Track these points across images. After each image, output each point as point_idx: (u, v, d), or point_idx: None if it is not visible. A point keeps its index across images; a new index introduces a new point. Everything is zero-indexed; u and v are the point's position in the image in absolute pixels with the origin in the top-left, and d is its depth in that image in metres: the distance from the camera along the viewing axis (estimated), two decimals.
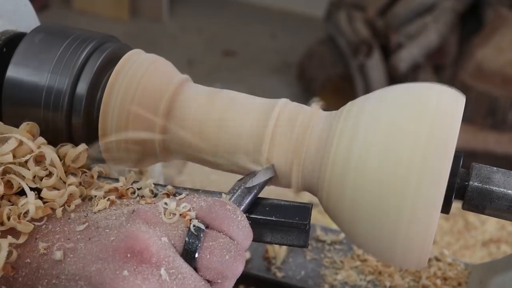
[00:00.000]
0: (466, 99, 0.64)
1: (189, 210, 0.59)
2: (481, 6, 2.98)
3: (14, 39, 0.70)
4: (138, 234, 0.56)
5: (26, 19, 0.75)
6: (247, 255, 0.85)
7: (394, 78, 2.80)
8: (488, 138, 2.68)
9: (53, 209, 0.61)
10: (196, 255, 0.57)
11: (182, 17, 3.96)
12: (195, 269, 0.57)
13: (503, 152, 2.64)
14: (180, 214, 0.59)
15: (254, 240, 0.65)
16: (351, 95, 0.76)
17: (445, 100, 0.62)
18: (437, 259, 0.88)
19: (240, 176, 0.67)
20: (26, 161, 0.62)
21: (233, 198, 0.63)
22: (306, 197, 0.87)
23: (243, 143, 0.67)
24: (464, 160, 0.64)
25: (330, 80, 3.05)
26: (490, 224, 1.18)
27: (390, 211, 0.60)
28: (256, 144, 0.66)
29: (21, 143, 0.63)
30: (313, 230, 0.90)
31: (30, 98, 0.67)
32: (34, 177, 0.62)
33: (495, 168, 0.65)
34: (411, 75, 2.82)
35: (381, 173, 0.60)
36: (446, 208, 0.62)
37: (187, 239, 0.57)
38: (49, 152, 0.63)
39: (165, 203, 0.60)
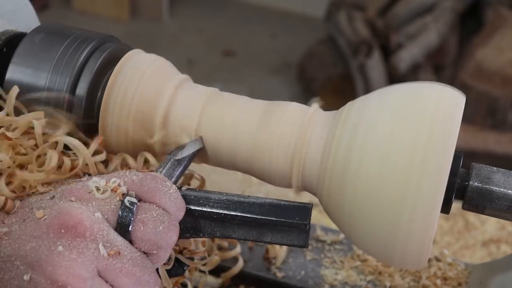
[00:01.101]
0: (466, 99, 0.64)
1: (119, 185, 0.60)
2: (481, 6, 2.98)
3: (14, 39, 0.70)
4: (71, 210, 0.57)
5: (26, 19, 0.75)
6: (240, 262, 0.85)
7: (394, 78, 2.80)
8: (488, 138, 2.68)
9: None
10: (130, 228, 0.58)
11: (182, 17, 3.96)
12: (130, 241, 0.58)
13: (503, 152, 2.64)
14: (112, 189, 0.60)
15: (254, 240, 0.65)
16: (351, 95, 0.76)
17: (445, 100, 0.62)
18: (437, 259, 0.88)
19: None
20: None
21: (163, 171, 0.64)
22: (306, 197, 0.87)
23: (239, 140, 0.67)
24: (464, 160, 0.64)
25: (330, 80, 3.05)
26: (490, 224, 1.18)
27: (390, 211, 0.60)
28: (256, 144, 0.66)
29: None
30: (313, 230, 0.90)
31: (30, 98, 0.67)
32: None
33: (495, 168, 0.65)
34: (411, 75, 2.82)
35: (381, 173, 0.60)
36: (446, 208, 0.62)
37: (120, 212, 0.58)
38: (37, 129, 0.64)
39: (95, 181, 0.60)
